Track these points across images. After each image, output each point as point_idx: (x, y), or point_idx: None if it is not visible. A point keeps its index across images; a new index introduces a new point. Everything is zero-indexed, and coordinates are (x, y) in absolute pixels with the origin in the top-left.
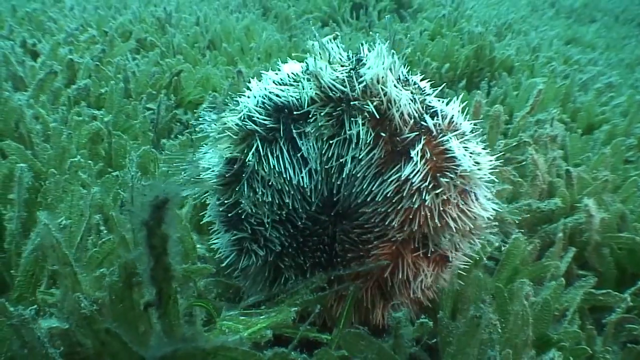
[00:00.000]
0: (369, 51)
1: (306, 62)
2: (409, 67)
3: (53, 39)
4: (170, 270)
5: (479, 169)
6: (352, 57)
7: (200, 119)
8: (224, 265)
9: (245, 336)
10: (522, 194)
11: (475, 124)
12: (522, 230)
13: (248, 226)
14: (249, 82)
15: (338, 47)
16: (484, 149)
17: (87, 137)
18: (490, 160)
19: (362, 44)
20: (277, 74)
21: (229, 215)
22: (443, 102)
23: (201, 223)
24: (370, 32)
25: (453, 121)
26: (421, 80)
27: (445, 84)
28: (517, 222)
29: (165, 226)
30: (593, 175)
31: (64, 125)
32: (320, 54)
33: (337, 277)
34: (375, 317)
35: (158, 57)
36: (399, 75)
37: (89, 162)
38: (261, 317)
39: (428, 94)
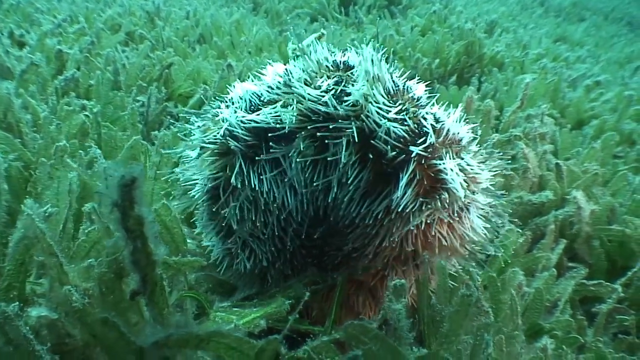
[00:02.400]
0: (359, 51)
1: (288, 73)
2: (401, 66)
3: (40, 29)
4: (152, 254)
5: (475, 186)
6: (339, 62)
7: (185, 119)
8: (217, 268)
9: (240, 325)
10: (514, 187)
11: (471, 127)
12: (514, 222)
13: (237, 238)
14: (240, 75)
15: (323, 49)
16: (479, 148)
17: (77, 127)
18: (489, 171)
19: (350, 46)
20: (257, 84)
21: (218, 226)
22: (440, 109)
23: (192, 220)
24: (360, 29)
25: (449, 134)
26: (417, 82)
27: (436, 79)
28: (511, 212)
29: (138, 207)
30: (583, 169)
31: (53, 115)
32: (303, 63)
33: (327, 268)
34: (366, 313)
35: (148, 50)
36: (390, 87)
37: (80, 151)
38: (254, 308)
39: (423, 105)
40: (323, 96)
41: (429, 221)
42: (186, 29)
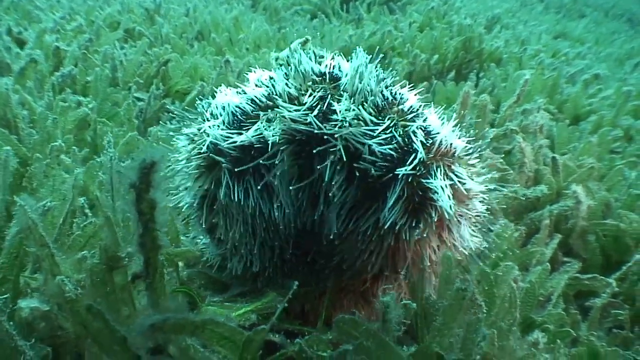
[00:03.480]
0: (350, 59)
1: (272, 85)
2: (403, 62)
3: (39, 27)
4: (158, 239)
5: (466, 202)
6: (326, 72)
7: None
8: (208, 264)
9: (232, 317)
10: (509, 181)
11: (469, 141)
12: (509, 217)
13: (229, 244)
14: (238, 72)
15: (309, 59)
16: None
17: (73, 123)
18: (482, 184)
19: (341, 53)
20: (239, 96)
21: (210, 233)
22: (435, 117)
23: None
24: (359, 25)
25: (442, 147)
26: (409, 90)
27: (434, 75)
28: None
29: (153, 191)
30: (579, 163)
31: (49, 111)
32: (287, 74)
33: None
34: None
35: (146, 46)
36: (379, 101)
37: (74, 147)
38: (246, 303)
39: (414, 118)
40: (307, 114)
41: (418, 237)
42: (184, 25)
